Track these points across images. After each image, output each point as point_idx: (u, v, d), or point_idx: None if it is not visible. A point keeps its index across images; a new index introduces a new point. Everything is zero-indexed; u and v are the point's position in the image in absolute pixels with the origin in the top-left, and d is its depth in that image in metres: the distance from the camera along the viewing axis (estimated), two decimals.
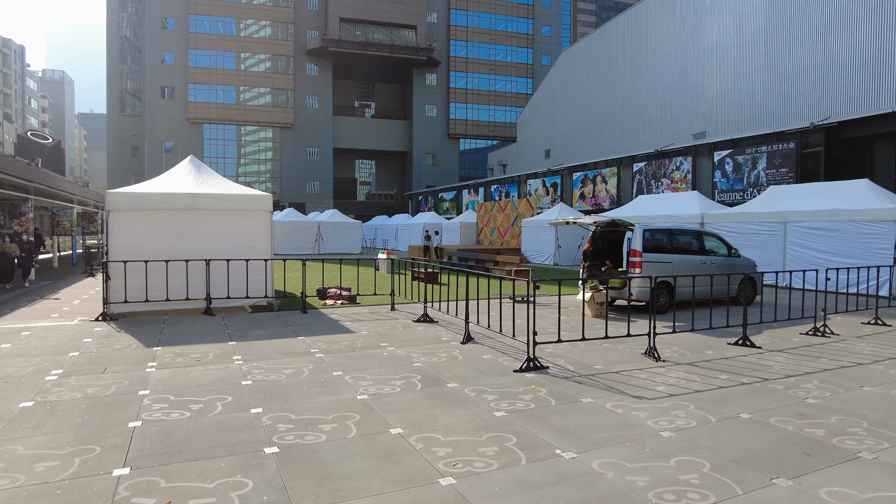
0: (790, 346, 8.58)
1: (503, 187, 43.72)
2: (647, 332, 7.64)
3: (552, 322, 10.17)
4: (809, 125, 21.92)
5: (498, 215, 34.78)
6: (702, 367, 7.14)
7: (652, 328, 7.60)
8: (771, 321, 10.10)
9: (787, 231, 17.26)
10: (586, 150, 42.66)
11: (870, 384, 6.40)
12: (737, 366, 7.24)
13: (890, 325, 10.62)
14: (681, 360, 7.57)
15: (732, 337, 8.86)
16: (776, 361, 7.52)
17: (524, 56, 78.49)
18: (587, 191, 34.78)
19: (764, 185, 23.93)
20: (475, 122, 75.83)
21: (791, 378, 6.65)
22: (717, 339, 8.96)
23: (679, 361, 7.47)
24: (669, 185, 29.03)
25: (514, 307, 8.23)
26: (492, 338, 8.75)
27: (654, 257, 11.63)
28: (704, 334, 9.21)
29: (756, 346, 8.46)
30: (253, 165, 69.60)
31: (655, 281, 11.89)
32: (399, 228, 43.18)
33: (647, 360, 7.51)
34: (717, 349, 8.27)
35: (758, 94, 29.04)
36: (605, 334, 7.55)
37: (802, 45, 26.72)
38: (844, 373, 6.92)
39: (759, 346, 8.45)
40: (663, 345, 8.39)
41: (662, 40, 35.90)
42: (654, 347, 7.60)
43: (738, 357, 7.75)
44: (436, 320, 10.32)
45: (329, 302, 12.42)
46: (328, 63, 69.46)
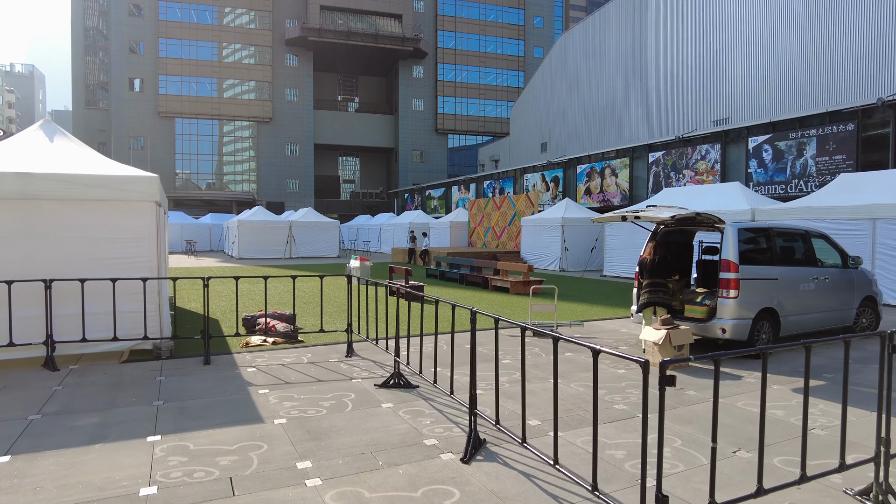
0: None
1: (497, 183, 39.62)
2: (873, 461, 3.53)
3: (623, 392, 6.04)
4: (876, 101, 18.00)
5: (493, 213, 30.66)
6: None
7: (884, 458, 3.49)
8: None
9: (877, 230, 13.29)
10: (588, 141, 38.66)
11: None
12: None
13: None
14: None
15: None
16: None
17: (515, 48, 74.53)
18: (594, 185, 30.75)
19: (814, 175, 20.01)
20: (464, 117, 71.70)
21: None
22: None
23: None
24: (693, 177, 25.07)
25: (555, 365, 4.12)
26: (518, 438, 4.59)
27: (753, 271, 7.54)
28: None
29: None
30: (230, 163, 65.02)
31: (759, 308, 7.96)
32: (383, 229, 38.97)
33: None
34: None
35: (796, 71, 25.13)
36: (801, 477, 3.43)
37: (855, 9, 22.83)
38: None
39: None
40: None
41: (675, 16, 31.95)
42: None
43: None
44: (414, 384, 6.13)
45: (255, 340, 8.20)
46: (308, 54, 65.05)
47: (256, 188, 63.73)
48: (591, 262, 23.07)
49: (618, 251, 20.24)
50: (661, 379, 2.61)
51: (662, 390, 2.65)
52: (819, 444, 4.59)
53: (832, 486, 3.83)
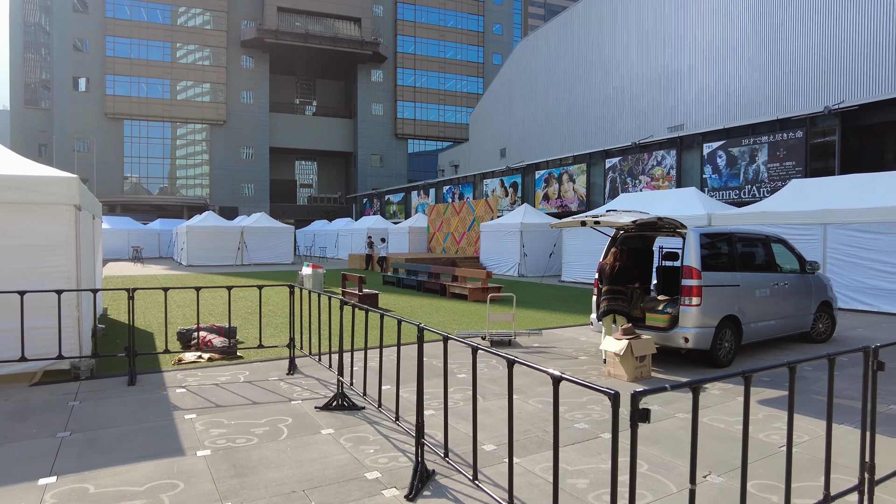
0: None
1: (456, 188, 39.33)
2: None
3: (584, 406, 5.65)
4: (823, 110, 18.43)
5: (452, 219, 30.29)
6: None
7: (867, 486, 3.16)
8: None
9: (828, 234, 13.44)
10: (547, 147, 38.80)
11: None
12: None
13: None
14: None
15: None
16: None
17: (475, 54, 74.75)
18: (552, 191, 30.76)
19: (766, 180, 20.37)
20: (424, 122, 71.37)
21: None
22: (894, 446, 4.64)
23: None
24: (649, 182, 25.28)
25: (510, 394, 3.72)
26: (487, 469, 4.12)
27: (716, 278, 7.31)
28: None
29: None
30: (182, 167, 62.84)
31: (721, 316, 7.72)
32: (340, 234, 38.12)
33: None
34: None
35: (748, 79, 25.68)
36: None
37: (805, 21, 23.45)
38: None
39: None
40: None
41: (631, 24, 32.37)
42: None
43: None
44: (359, 405, 5.59)
45: (189, 357, 7.51)
46: (265, 56, 63.60)
47: (209, 193, 61.77)
48: (550, 268, 22.91)
49: (576, 256, 20.12)
50: (634, 414, 2.19)
51: (635, 427, 2.22)
52: (794, 466, 4.27)
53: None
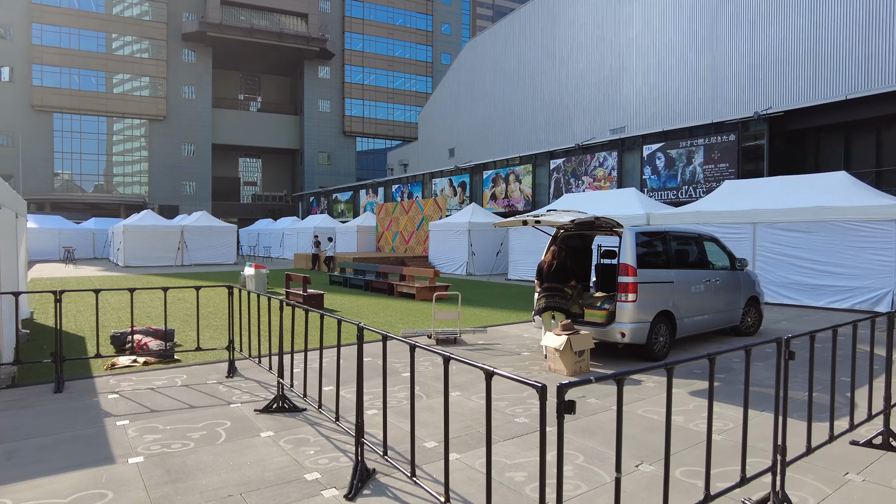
0: None
1: (405, 187, 39.26)
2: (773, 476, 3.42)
3: (525, 403, 5.77)
4: (753, 115, 19.41)
5: (401, 218, 30.23)
6: None
7: (780, 467, 3.38)
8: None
9: (757, 233, 14.19)
10: (495, 147, 39.26)
11: None
12: None
13: None
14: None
15: (843, 429, 4.89)
16: None
17: (423, 53, 74.77)
18: (499, 191, 31.15)
19: (701, 181, 21.29)
20: (373, 120, 70.84)
21: None
22: (804, 429, 4.96)
23: None
24: (591, 183, 25.97)
25: (446, 390, 3.74)
26: (426, 465, 4.15)
27: (651, 275, 7.60)
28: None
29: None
30: (119, 164, 60.10)
31: (656, 311, 8.04)
32: (285, 234, 37.39)
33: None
34: (861, 470, 4.25)
35: (687, 85, 26.72)
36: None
37: (738, 31, 24.60)
38: None
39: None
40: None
41: (576, 28, 33.15)
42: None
43: None
44: (300, 407, 5.53)
45: (123, 361, 7.23)
46: (207, 50, 61.59)
47: (148, 191, 59.40)
48: (497, 267, 23.22)
49: (521, 255, 20.46)
50: (560, 406, 2.27)
51: (561, 418, 2.31)
52: (717, 450, 4.51)
53: (733, 496, 3.70)
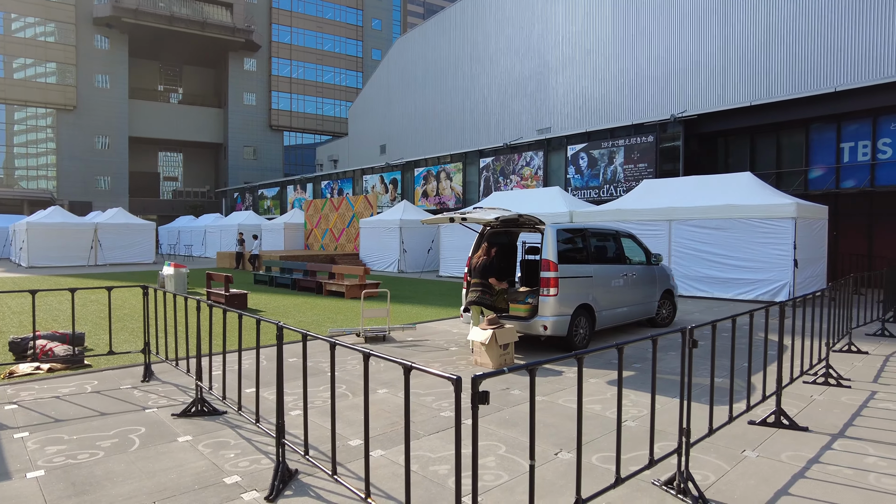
0: (837, 419, 5.25)
1: (335, 183, 38.67)
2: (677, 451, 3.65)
3: (441, 400, 5.84)
4: (670, 117, 20.48)
5: (331, 215, 29.76)
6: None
7: (685, 448, 3.62)
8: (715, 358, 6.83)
9: (672, 230, 15.00)
10: (426, 144, 39.35)
11: None
12: None
13: (867, 352, 8.09)
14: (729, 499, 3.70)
15: (741, 410, 5.28)
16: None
17: (353, 48, 73.83)
18: (430, 188, 31.28)
19: (622, 180, 22.23)
20: (301, 115, 69.23)
21: None
22: (706, 412, 5.33)
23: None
24: (519, 181, 26.56)
25: (366, 385, 3.75)
26: (352, 468, 4.13)
27: (571, 269, 7.89)
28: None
29: (800, 426, 4.98)
30: (22, 156, 55.69)
31: (576, 305, 8.33)
32: (208, 231, 35.96)
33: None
34: (756, 447, 4.61)
35: (610, 87, 27.77)
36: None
37: (656, 37, 25.81)
38: None
39: (804, 427, 4.98)
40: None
41: (504, 29, 33.74)
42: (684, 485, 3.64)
43: (834, 468, 4.13)
44: (221, 410, 5.37)
45: (24, 369, 6.74)
46: (123, 37, 58.05)
47: (57, 186, 55.41)
48: (429, 264, 23.34)
49: (453, 252, 20.67)
50: (474, 396, 2.34)
51: (475, 408, 2.38)
52: (630, 436, 4.76)
53: (643, 478, 3.92)
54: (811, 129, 17.99)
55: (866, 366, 7.33)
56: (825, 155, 17.74)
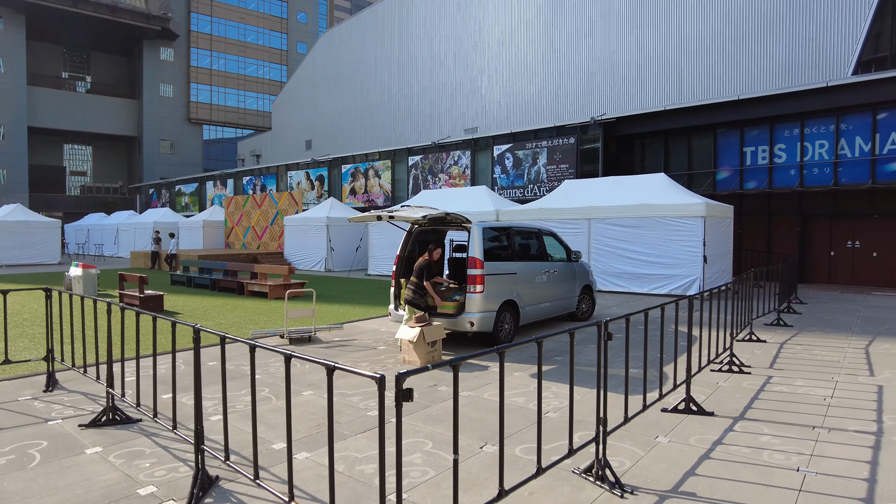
0: (738, 403, 5.66)
1: (258, 179, 37.47)
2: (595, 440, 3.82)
3: (363, 397, 5.81)
4: (589, 120, 21.27)
5: (253, 212, 28.82)
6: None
7: (602, 436, 3.79)
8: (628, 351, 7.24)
9: (592, 228, 15.61)
10: (354, 140, 38.87)
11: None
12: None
13: (765, 340, 8.77)
14: (650, 484, 3.92)
15: (654, 399, 5.60)
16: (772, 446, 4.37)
17: (278, 41, 71.80)
18: (358, 185, 30.93)
19: (545, 181, 22.88)
20: (222, 108, 66.58)
21: None
22: (622, 401, 5.62)
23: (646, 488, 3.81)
24: (447, 180, 26.77)
25: (287, 387, 3.72)
26: (275, 476, 4.03)
27: (497, 267, 8.06)
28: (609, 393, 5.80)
29: (707, 411, 5.33)
30: None
31: (501, 301, 8.50)
32: (121, 229, 33.91)
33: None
34: (668, 432, 4.89)
35: (534, 90, 28.47)
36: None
37: (577, 42, 26.68)
38: None
39: (710, 412, 5.34)
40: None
41: (435, 28, 33.86)
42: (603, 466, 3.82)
43: (735, 447, 4.44)
44: (134, 418, 5.10)
45: None
46: (20, 17, 53.52)
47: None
48: (357, 262, 23.10)
49: (381, 251, 20.56)
50: (398, 394, 2.36)
51: (399, 406, 2.40)
52: (553, 427, 4.94)
53: (563, 467, 4.08)
54: (718, 133, 19.23)
55: (764, 353, 7.94)
56: (731, 158, 19.01)
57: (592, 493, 3.70)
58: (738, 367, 6.97)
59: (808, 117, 17.19)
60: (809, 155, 17.25)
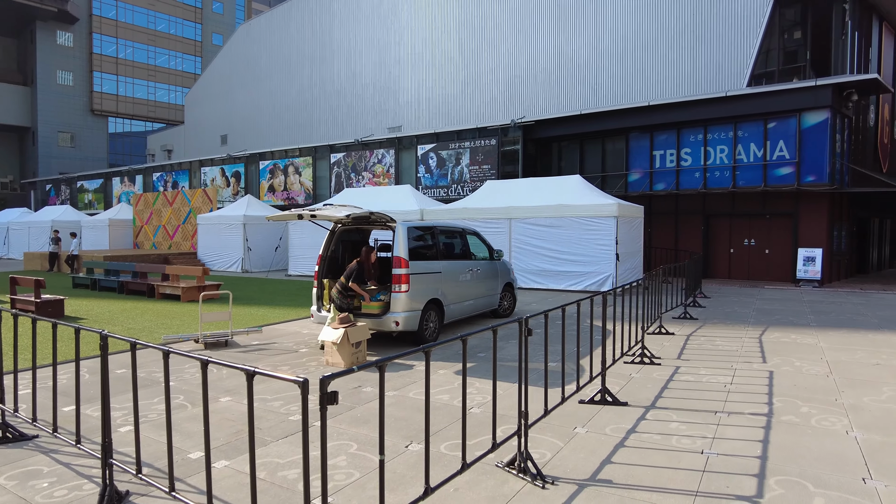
0: (650, 393, 6.00)
1: (169, 175, 35.58)
2: (517, 434, 3.92)
3: (288, 403, 5.67)
4: (510, 122, 21.78)
5: (164, 210, 27.33)
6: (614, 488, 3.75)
7: (524, 430, 3.90)
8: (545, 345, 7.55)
9: (513, 227, 16.01)
10: (273, 136, 37.69)
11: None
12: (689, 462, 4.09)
13: (673, 333, 9.33)
14: (567, 473, 4.08)
15: (572, 391, 5.83)
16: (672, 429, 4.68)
17: (191, 31, 68.39)
18: (278, 182, 30.06)
19: (468, 181, 23.21)
20: (130, 99, 62.62)
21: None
22: (542, 394, 5.83)
23: (565, 477, 3.96)
24: (371, 179, 26.57)
25: (205, 395, 3.59)
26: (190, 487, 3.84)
27: (421, 266, 8.10)
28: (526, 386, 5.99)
29: (621, 401, 5.61)
30: None
31: (426, 300, 8.54)
32: (12, 228, 31.14)
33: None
34: (585, 423, 5.10)
35: (458, 91, 28.73)
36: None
37: (499, 45, 27.18)
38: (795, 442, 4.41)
39: (624, 402, 5.62)
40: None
41: (357, 24, 33.42)
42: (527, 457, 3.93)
43: (646, 434, 4.69)
44: (30, 434, 4.71)
45: None
46: None
47: None
48: (276, 262, 22.44)
49: (302, 250, 20.09)
50: (322, 397, 2.33)
51: (324, 409, 2.37)
52: (477, 423, 5.03)
53: (487, 462, 4.17)
54: (630, 137, 20.24)
55: (673, 345, 8.46)
56: (641, 161, 20.06)
57: (515, 486, 3.81)
58: (650, 358, 7.38)
59: (710, 124, 18.45)
60: (712, 159, 18.52)
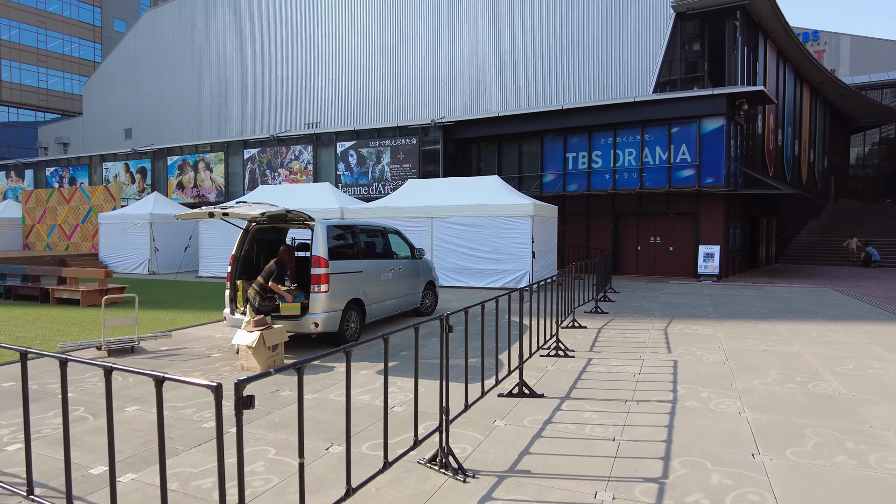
0: (565, 384, 6.24)
1: (66, 171, 32.98)
2: (439, 431, 3.97)
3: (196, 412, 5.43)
4: (431, 122, 21.92)
5: (60, 208, 25.29)
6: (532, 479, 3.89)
7: (445, 425, 3.95)
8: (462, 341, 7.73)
9: (434, 226, 16.12)
10: (182, 130, 35.76)
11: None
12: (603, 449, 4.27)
13: (586, 326, 9.75)
14: (488, 467, 4.18)
15: (491, 385, 5.97)
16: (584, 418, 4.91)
17: (89, 15, 63.61)
18: (187, 179, 28.62)
19: (389, 179, 23.13)
20: (17, 86, 57.44)
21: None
22: (463, 390, 5.94)
23: (487, 471, 4.06)
24: (288, 175, 25.87)
25: (109, 403, 3.43)
26: None
27: (342, 265, 7.99)
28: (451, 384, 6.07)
29: (538, 393, 5.80)
30: None
31: (347, 300, 8.42)
32: None
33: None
34: (504, 416, 5.23)
35: (379, 88, 28.46)
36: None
37: (420, 44, 27.18)
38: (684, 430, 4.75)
39: (541, 394, 5.81)
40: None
41: (273, 15, 32.33)
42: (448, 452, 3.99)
43: (562, 424, 4.86)
44: None
45: None
46: None
47: None
48: (186, 263, 21.33)
49: (214, 250, 19.22)
50: (237, 402, 2.26)
51: (239, 415, 2.30)
52: (399, 421, 5.04)
53: (409, 459, 4.18)
54: (545, 140, 20.93)
55: (585, 338, 8.85)
56: (556, 162, 20.80)
57: (437, 481, 3.86)
58: (564, 351, 7.69)
59: (619, 128, 19.43)
60: (621, 161, 19.50)
